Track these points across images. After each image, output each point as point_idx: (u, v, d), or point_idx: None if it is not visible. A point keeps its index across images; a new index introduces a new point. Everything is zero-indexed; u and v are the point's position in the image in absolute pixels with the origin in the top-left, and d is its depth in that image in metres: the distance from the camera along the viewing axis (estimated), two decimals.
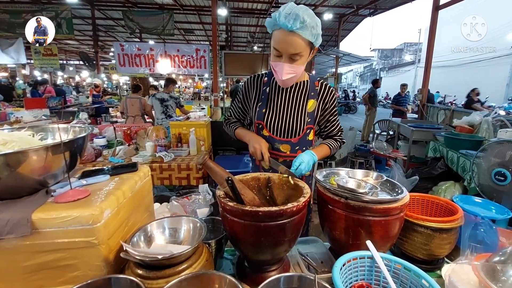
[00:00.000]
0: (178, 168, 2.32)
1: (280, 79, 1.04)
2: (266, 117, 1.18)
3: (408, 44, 31.07)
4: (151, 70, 6.56)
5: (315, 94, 1.19)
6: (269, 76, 1.21)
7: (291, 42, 0.95)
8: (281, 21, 0.92)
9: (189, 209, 1.25)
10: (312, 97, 1.19)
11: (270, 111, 1.18)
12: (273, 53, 1.02)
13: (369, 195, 0.86)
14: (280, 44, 0.97)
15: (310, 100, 1.18)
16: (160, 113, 4.02)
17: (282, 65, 1.00)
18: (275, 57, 1.02)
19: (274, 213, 0.74)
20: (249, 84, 1.24)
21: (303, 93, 1.19)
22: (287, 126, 1.17)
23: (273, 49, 1.01)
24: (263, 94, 1.20)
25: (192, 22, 10.80)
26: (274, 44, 0.99)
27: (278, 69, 1.02)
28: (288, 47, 0.96)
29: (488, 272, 0.59)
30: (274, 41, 0.99)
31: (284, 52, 0.98)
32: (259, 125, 1.19)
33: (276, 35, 0.97)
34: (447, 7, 5.89)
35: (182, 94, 12.32)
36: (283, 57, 0.99)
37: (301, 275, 0.62)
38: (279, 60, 1.00)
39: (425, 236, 0.93)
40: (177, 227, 0.81)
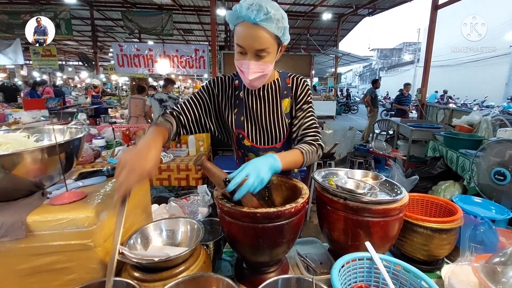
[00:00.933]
0: (177, 169, 2.31)
1: (247, 79, 0.92)
2: (246, 126, 1.06)
3: (407, 43, 31.11)
4: (150, 70, 6.55)
5: (288, 92, 1.08)
6: (239, 79, 1.07)
7: (256, 36, 0.85)
8: (243, 13, 0.82)
9: (187, 210, 1.24)
10: (285, 96, 1.07)
11: (249, 118, 1.07)
12: (237, 50, 0.91)
13: (368, 196, 0.86)
14: (244, 40, 0.87)
15: (284, 99, 1.07)
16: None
17: (248, 63, 0.89)
18: (239, 54, 0.91)
19: (272, 214, 0.73)
20: (217, 86, 1.08)
21: (276, 93, 1.07)
22: (269, 133, 1.07)
23: (237, 46, 0.90)
24: (236, 99, 1.07)
25: (191, 23, 10.80)
26: (237, 40, 0.88)
27: (243, 68, 0.91)
28: (253, 42, 0.86)
29: (488, 273, 0.58)
30: (237, 36, 0.89)
31: (249, 48, 0.87)
32: (239, 134, 1.07)
33: (239, 29, 0.87)
34: (446, 7, 5.89)
35: (182, 94, 12.30)
36: (248, 54, 0.89)
37: (299, 277, 0.61)
38: (244, 58, 0.90)
39: (425, 237, 0.93)
40: (175, 228, 0.80)
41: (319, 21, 10.78)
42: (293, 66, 6.98)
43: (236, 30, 0.89)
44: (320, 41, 14.36)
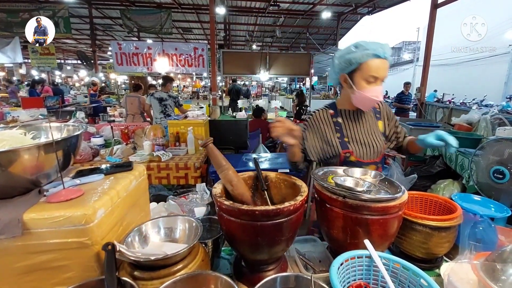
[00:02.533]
0: (176, 167, 2.30)
1: (375, 101, 1.16)
2: (351, 145, 1.26)
3: (407, 42, 31.05)
4: (149, 69, 6.51)
5: (380, 115, 1.33)
6: (333, 108, 1.30)
7: (386, 67, 1.11)
8: (379, 51, 1.07)
9: (186, 208, 1.24)
10: (378, 118, 1.32)
11: (352, 138, 1.26)
12: (367, 80, 1.12)
13: (367, 194, 0.85)
14: (380, 71, 1.10)
15: (378, 121, 1.32)
16: (158, 112, 3.99)
17: (380, 89, 1.13)
18: (368, 83, 1.12)
19: (271, 212, 0.72)
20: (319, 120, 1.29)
21: (371, 115, 1.31)
22: (371, 149, 1.26)
23: (369, 77, 1.11)
24: (336, 125, 1.27)
25: (190, 21, 10.76)
26: (371, 72, 1.10)
27: (374, 94, 1.12)
28: (385, 72, 1.11)
29: (487, 271, 0.58)
30: (369, 69, 1.10)
31: (381, 77, 1.11)
32: (346, 153, 1.25)
33: (372, 64, 1.09)
34: (445, 6, 5.88)
35: (181, 93, 12.28)
36: (378, 82, 1.12)
37: (298, 274, 0.61)
38: (374, 85, 1.12)
39: (424, 235, 0.92)
40: (173, 226, 0.80)
41: (318, 20, 10.75)
42: (293, 65, 6.96)
43: (368, 64, 1.10)
44: (320, 40, 14.33)
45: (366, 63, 1.09)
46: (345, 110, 1.29)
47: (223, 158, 0.90)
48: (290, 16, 10.43)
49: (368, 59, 1.09)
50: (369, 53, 1.08)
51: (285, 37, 13.72)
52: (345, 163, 1.25)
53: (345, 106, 1.28)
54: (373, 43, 1.09)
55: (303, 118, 5.02)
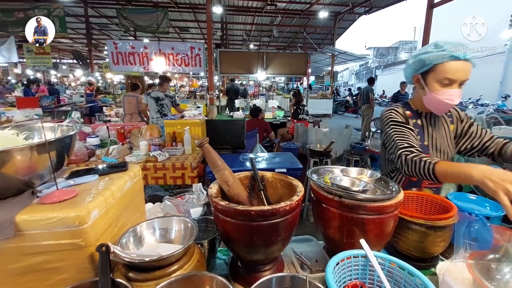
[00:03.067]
0: (172, 167, 2.29)
1: (451, 105, 1.10)
2: (429, 149, 1.24)
3: (403, 42, 31.22)
4: (145, 68, 6.47)
5: (452, 119, 1.29)
6: (408, 109, 1.26)
7: (466, 69, 1.06)
8: (457, 52, 1.03)
9: (182, 208, 1.23)
10: (450, 122, 1.29)
11: (431, 142, 1.24)
12: (442, 82, 1.08)
13: (363, 194, 0.85)
14: (458, 73, 1.05)
15: (451, 125, 1.28)
16: (155, 112, 3.97)
17: (457, 91, 1.08)
18: (443, 85, 1.08)
19: (267, 212, 0.72)
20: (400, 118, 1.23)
21: (445, 119, 1.28)
22: (445, 155, 1.25)
23: (443, 79, 1.07)
24: (415, 127, 1.23)
25: (187, 20, 10.73)
26: (446, 74, 1.05)
27: (447, 97, 1.08)
28: (464, 75, 1.06)
29: (482, 270, 0.58)
30: (444, 71, 1.05)
31: (459, 79, 1.06)
32: None
33: (448, 66, 1.05)
34: (442, 5, 5.91)
35: (178, 92, 12.22)
36: (455, 85, 1.07)
37: (293, 275, 0.61)
38: (450, 88, 1.08)
39: (420, 234, 0.93)
40: (168, 227, 0.79)
41: (315, 19, 10.77)
42: (290, 64, 6.96)
43: (444, 66, 1.05)
44: (317, 40, 14.36)
45: (442, 64, 1.05)
46: (425, 113, 1.25)
47: (219, 158, 0.89)
48: (287, 16, 10.44)
49: (444, 61, 1.04)
50: (445, 55, 1.03)
51: (282, 36, 13.73)
52: None
53: (421, 108, 1.24)
54: (452, 43, 1.04)
55: (301, 117, 5.02)
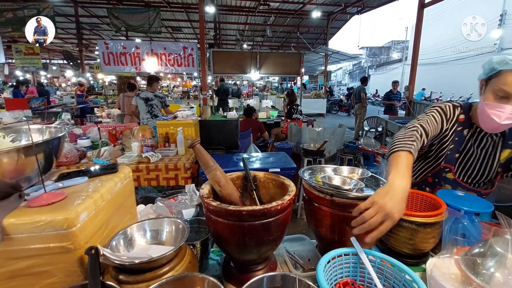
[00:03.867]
0: (165, 169, 2.28)
1: (498, 122, 0.93)
2: (458, 162, 1.10)
3: (396, 42, 31.61)
4: (137, 68, 6.41)
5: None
6: (465, 114, 1.10)
7: None
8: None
9: (175, 210, 1.22)
10: (509, 146, 1.08)
11: (465, 157, 1.10)
12: (496, 93, 0.93)
13: (354, 192, 0.86)
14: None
15: (505, 150, 1.08)
16: (145, 112, 3.92)
17: (510, 108, 0.90)
18: (498, 98, 0.93)
19: (258, 212, 0.72)
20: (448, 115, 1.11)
21: (499, 140, 1.08)
22: (478, 176, 1.09)
23: (499, 90, 0.92)
24: (457, 135, 1.09)
25: (179, 20, 10.67)
26: (504, 84, 0.90)
27: (500, 113, 0.92)
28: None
29: (468, 265, 0.60)
30: (503, 81, 0.90)
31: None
32: (446, 168, 1.11)
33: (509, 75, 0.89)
34: (433, 5, 6.00)
35: (171, 93, 12.14)
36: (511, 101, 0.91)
37: (284, 274, 0.61)
38: (506, 102, 0.91)
39: (410, 231, 0.94)
40: (159, 229, 0.79)
41: (308, 19, 10.82)
42: (283, 64, 6.98)
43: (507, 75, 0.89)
44: (310, 39, 14.43)
45: (505, 71, 0.89)
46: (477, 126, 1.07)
47: (210, 159, 0.89)
48: (280, 16, 10.46)
49: (509, 68, 0.88)
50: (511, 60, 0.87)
51: (275, 36, 13.76)
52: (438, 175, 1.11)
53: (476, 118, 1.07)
54: None
55: (294, 117, 5.04)
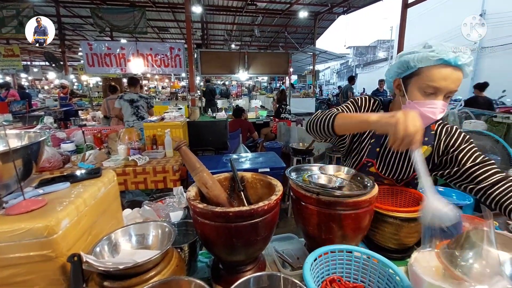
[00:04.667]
0: (153, 171, 2.24)
1: (433, 118, 0.92)
2: (379, 157, 1.10)
3: (381, 41, 32.28)
4: (123, 70, 6.27)
5: (430, 139, 1.06)
6: (385, 109, 1.09)
7: (456, 78, 0.87)
8: (449, 56, 0.84)
9: (162, 213, 1.21)
10: (426, 142, 1.06)
11: (385, 152, 1.10)
12: (423, 90, 0.91)
13: (340, 190, 0.88)
14: (443, 81, 0.86)
15: (423, 146, 1.06)
16: (130, 115, 3.83)
17: (441, 104, 0.89)
18: (426, 95, 0.90)
19: (245, 213, 0.73)
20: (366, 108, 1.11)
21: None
22: (397, 170, 1.10)
23: (427, 87, 0.89)
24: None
25: (166, 20, 10.53)
26: (432, 80, 0.87)
27: (433, 109, 0.90)
28: (452, 84, 0.87)
29: (447, 258, 0.62)
30: (429, 77, 0.88)
31: (445, 89, 0.88)
32: (368, 162, 1.11)
33: (434, 71, 0.87)
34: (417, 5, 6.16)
35: (159, 94, 11.95)
36: (440, 95, 0.89)
37: (270, 273, 0.62)
38: (434, 98, 0.90)
39: (395, 226, 0.97)
40: (145, 233, 0.78)
41: (296, 19, 10.91)
42: (271, 63, 7.02)
43: (429, 71, 0.88)
44: (298, 39, 14.54)
45: (428, 68, 0.87)
46: None
47: (197, 161, 0.89)
48: (268, 15, 10.49)
49: (431, 64, 0.86)
50: (433, 57, 0.84)
51: (263, 36, 13.79)
52: (362, 171, 1.12)
53: None
54: (445, 45, 0.86)
55: (283, 117, 5.06)
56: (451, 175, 1.02)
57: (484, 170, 0.94)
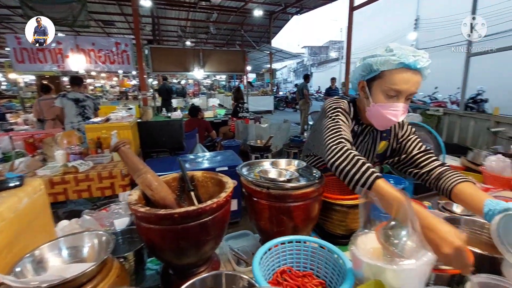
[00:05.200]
0: (98, 177, 2.04)
1: (394, 121, 0.94)
2: None
3: (333, 42, 34.28)
4: (60, 67, 5.57)
5: (387, 135, 1.13)
6: (354, 113, 1.10)
7: (416, 81, 0.90)
8: (409, 60, 0.86)
9: (107, 222, 1.11)
10: (384, 138, 1.13)
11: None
12: (386, 93, 0.93)
13: (289, 183, 0.89)
14: (404, 84, 0.89)
15: (382, 141, 1.13)
16: (75, 115, 3.45)
17: (402, 106, 0.92)
18: (388, 97, 0.93)
19: (192, 212, 0.69)
20: (345, 111, 1.08)
21: (378, 133, 1.13)
22: None
23: (389, 89, 0.91)
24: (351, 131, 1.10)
25: (111, 13, 9.72)
26: (394, 83, 0.90)
27: (395, 112, 0.93)
28: (412, 87, 0.90)
29: (384, 237, 0.67)
30: (391, 80, 0.90)
31: (406, 92, 0.91)
32: None
33: (395, 74, 0.89)
34: (362, 8, 6.63)
35: (107, 94, 11.00)
36: (402, 98, 0.92)
37: (215, 273, 0.60)
38: (395, 101, 0.92)
39: (342, 214, 1.02)
40: (79, 245, 0.69)
41: (252, 18, 10.97)
42: (227, 61, 6.96)
43: (392, 74, 0.89)
44: (255, 38, 14.66)
45: (389, 72, 0.90)
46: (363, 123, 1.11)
47: (139, 162, 0.83)
48: (223, 13, 10.36)
49: (393, 68, 0.89)
50: (394, 60, 0.87)
51: (220, 34, 13.61)
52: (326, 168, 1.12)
53: (363, 118, 1.09)
54: (405, 49, 0.88)
55: (241, 115, 5.06)
56: (399, 161, 1.12)
57: (426, 158, 1.04)
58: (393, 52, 0.88)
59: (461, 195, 0.86)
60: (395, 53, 0.88)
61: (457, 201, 0.90)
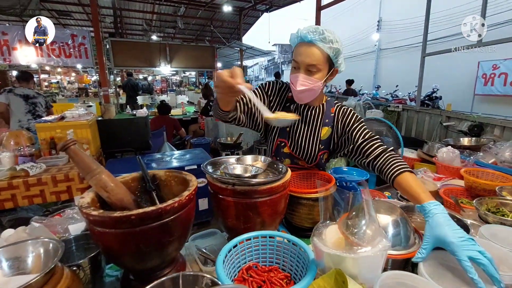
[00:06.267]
0: (53, 181, 1.86)
1: (295, 89, 1.03)
2: (290, 136, 1.18)
3: None
4: (7, 60, 4.98)
5: (330, 121, 1.17)
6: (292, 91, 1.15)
7: (310, 53, 0.98)
8: (302, 33, 0.98)
9: (60, 228, 1.02)
10: (326, 124, 1.17)
11: (294, 131, 1.18)
12: (292, 65, 1.05)
13: (255, 178, 0.89)
14: (299, 56, 1.00)
15: (324, 127, 1.17)
16: (24, 113, 3.13)
17: (298, 75, 1.01)
18: (293, 69, 1.05)
19: (152, 213, 0.66)
20: (273, 91, 1.19)
21: (319, 117, 1.17)
22: (305, 150, 1.17)
23: (293, 62, 1.04)
24: (287, 110, 1.17)
25: (67, 3, 8.96)
26: (294, 56, 1.03)
27: (293, 80, 1.03)
28: (306, 58, 0.99)
29: (345, 227, 0.69)
30: (294, 54, 1.03)
31: (302, 63, 1.00)
32: (282, 142, 1.19)
33: (297, 48, 1.02)
34: (328, 8, 6.82)
35: (64, 91, 10.15)
36: (301, 68, 1.01)
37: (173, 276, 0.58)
38: (297, 72, 1.03)
39: (308, 207, 1.04)
40: (22, 255, 0.63)
41: (222, 14, 10.79)
42: (196, 57, 6.78)
43: (295, 49, 1.03)
44: (225, 34, 14.47)
45: (295, 48, 1.04)
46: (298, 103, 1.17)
47: (92, 161, 0.76)
48: (191, 7, 10.06)
49: (295, 44, 1.03)
50: (296, 37, 1.01)
51: (188, 28, 13.22)
52: (277, 152, 1.20)
53: None
54: (307, 28, 0.99)
55: (211, 113, 4.97)
56: (349, 152, 1.14)
57: (371, 145, 1.06)
58: (298, 32, 1.01)
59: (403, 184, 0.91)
60: (298, 32, 1.01)
61: (399, 190, 0.96)
